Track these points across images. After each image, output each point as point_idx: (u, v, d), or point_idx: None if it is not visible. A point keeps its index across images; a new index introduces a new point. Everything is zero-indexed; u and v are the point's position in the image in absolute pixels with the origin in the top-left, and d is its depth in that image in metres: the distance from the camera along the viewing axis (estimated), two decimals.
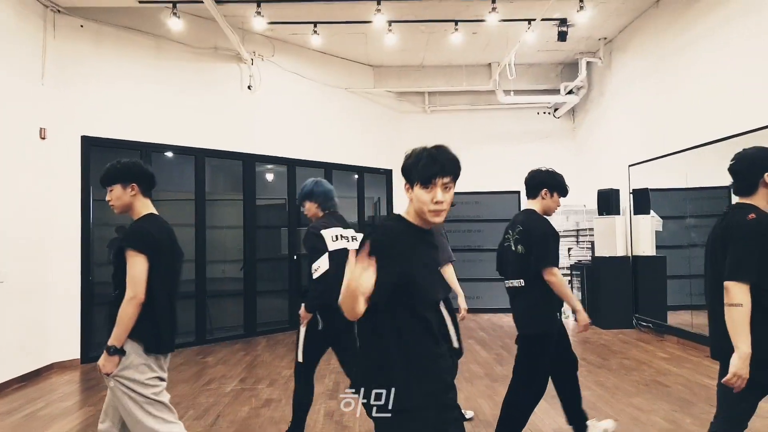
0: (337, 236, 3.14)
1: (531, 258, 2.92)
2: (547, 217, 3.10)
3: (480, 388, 4.54)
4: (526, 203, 3.23)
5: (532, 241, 2.93)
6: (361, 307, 1.45)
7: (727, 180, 2.28)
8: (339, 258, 2.98)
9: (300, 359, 3.17)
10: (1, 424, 3.93)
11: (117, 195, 2.42)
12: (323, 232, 3.11)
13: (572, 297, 3.05)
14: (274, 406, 4.24)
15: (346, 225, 3.28)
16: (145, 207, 2.48)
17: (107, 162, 2.51)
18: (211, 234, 7.64)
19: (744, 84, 5.20)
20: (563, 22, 6.98)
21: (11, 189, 5.02)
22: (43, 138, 5.47)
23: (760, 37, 4.94)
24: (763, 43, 4.92)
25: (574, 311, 3.06)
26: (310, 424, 3.79)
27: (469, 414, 3.85)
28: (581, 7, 5.52)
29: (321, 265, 2.99)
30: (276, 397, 4.47)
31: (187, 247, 6.61)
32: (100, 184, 2.48)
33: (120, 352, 2.25)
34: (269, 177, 9.36)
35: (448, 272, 3.63)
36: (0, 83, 4.90)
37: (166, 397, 2.39)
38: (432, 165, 1.58)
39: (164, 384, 2.41)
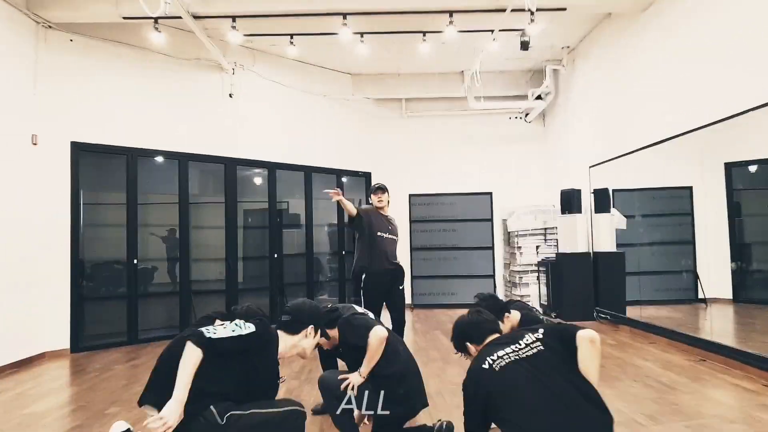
0: None
1: None
2: None
3: (432, 369, 4.96)
4: None
5: None
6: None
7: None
8: None
9: None
10: None
11: None
12: None
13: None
14: None
15: None
16: None
17: (97, 166, 2.97)
18: (196, 234, 8.07)
19: (689, 84, 5.60)
20: (524, 32, 7.41)
21: (5, 191, 5.46)
22: (35, 144, 5.92)
23: (703, 39, 5.33)
24: (706, 44, 5.33)
25: None
26: None
27: None
28: (532, 20, 5.95)
29: None
30: None
31: (166, 246, 7.08)
32: None
33: None
34: (257, 181, 9.79)
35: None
36: None
37: None
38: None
39: None
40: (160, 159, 7.18)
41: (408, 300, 9.47)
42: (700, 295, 6.23)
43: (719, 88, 5.08)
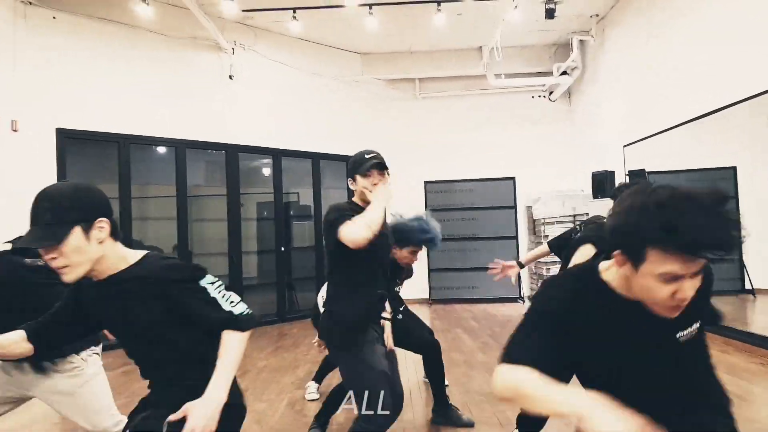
0: None
1: None
2: None
3: (455, 376, 4.36)
4: None
5: None
6: None
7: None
8: None
9: None
10: None
11: None
12: None
13: None
14: None
15: None
16: None
17: (89, 156, 2.46)
18: (200, 228, 7.58)
19: (733, 54, 4.92)
20: None
21: None
22: (15, 130, 5.43)
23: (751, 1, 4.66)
24: (755, 7, 4.64)
25: None
26: (269, 413, 3.67)
27: None
28: None
29: None
30: (242, 388, 4.33)
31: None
32: None
33: None
34: (266, 172, 9.24)
35: None
36: None
37: None
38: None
39: None
40: (160, 150, 6.72)
41: (425, 294, 8.88)
42: (747, 286, 5.69)
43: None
